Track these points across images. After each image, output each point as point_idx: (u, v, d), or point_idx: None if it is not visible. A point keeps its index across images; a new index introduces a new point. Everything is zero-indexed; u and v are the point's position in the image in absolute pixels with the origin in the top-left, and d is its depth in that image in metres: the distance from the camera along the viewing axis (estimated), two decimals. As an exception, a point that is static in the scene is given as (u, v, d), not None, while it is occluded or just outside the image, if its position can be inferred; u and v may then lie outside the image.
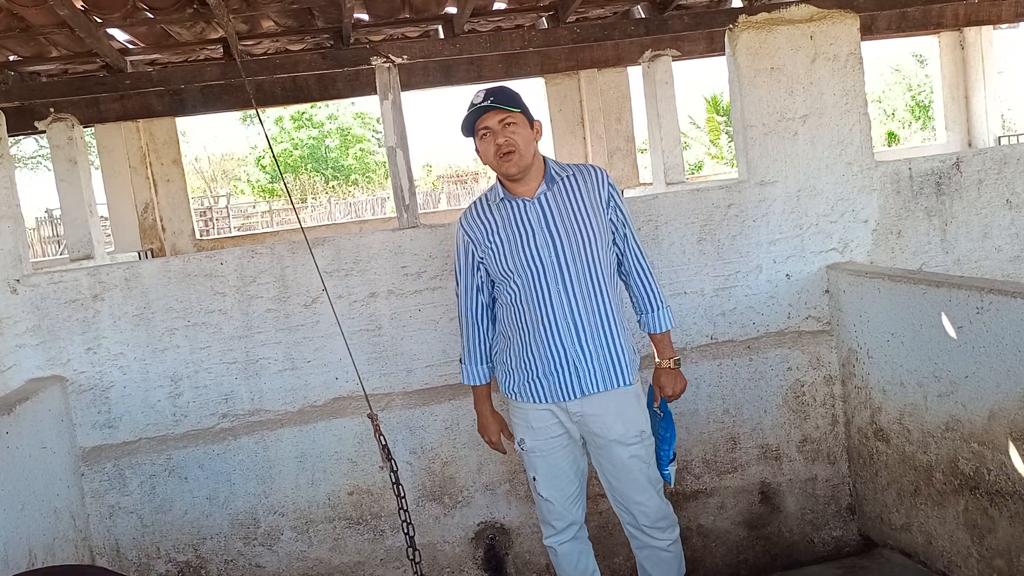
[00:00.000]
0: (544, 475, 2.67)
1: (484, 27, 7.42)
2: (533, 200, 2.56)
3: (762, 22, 3.48)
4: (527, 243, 2.54)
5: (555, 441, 2.64)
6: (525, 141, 2.50)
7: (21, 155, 26.27)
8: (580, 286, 2.52)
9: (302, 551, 3.28)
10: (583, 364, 2.54)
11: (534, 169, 2.56)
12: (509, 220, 2.57)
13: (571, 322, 2.52)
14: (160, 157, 10.35)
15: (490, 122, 2.49)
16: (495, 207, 2.60)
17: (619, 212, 2.61)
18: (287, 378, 3.33)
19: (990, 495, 2.70)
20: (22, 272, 3.19)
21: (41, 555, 2.71)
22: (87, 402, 3.21)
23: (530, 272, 2.53)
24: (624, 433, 2.58)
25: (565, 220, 2.53)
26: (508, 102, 2.48)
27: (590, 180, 2.58)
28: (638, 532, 2.69)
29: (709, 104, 25.29)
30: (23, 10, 5.24)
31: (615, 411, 2.57)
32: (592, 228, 2.54)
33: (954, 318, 2.74)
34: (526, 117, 2.53)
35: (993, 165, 3.71)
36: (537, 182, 2.57)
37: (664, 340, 2.72)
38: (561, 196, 2.56)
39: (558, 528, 2.72)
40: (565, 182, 2.57)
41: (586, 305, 2.53)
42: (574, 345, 2.53)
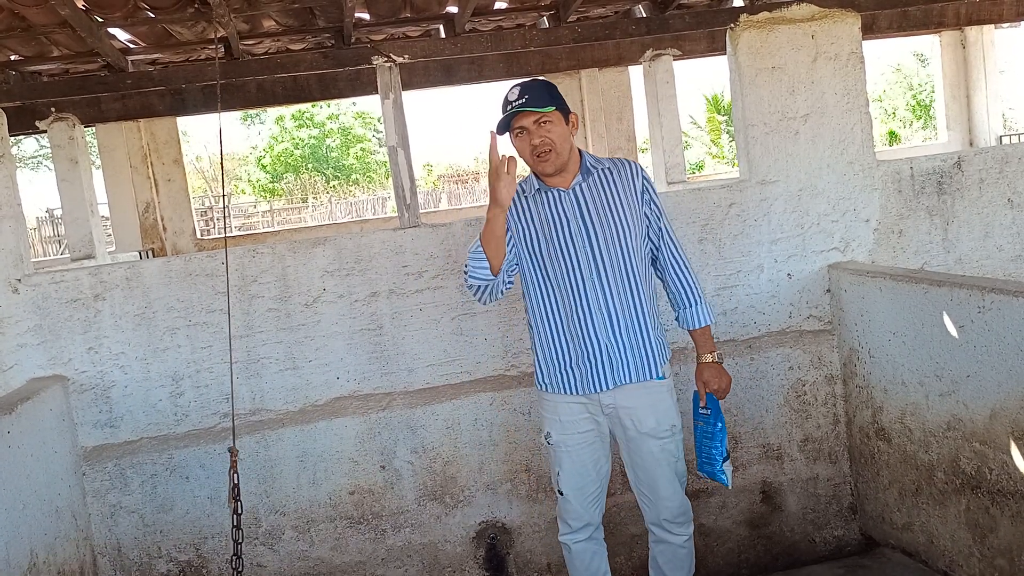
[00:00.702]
0: (568, 471, 2.67)
1: (485, 26, 7.42)
2: (568, 191, 2.57)
3: (763, 21, 3.48)
4: (561, 233, 2.56)
5: (582, 437, 2.63)
6: (560, 139, 2.50)
7: (22, 155, 26.29)
8: (614, 277, 2.53)
9: (303, 550, 3.28)
10: (616, 354, 2.55)
11: (570, 162, 2.56)
12: (543, 209, 2.59)
13: (605, 312, 2.54)
14: (161, 157, 10.36)
15: (525, 121, 2.48)
16: (530, 196, 2.62)
17: (653, 205, 2.61)
18: (288, 377, 3.33)
19: (991, 494, 2.69)
20: (23, 272, 3.19)
21: (43, 554, 2.71)
22: (88, 401, 3.21)
23: (564, 262, 2.55)
24: (656, 427, 2.58)
25: (600, 211, 2.55)
26: (542, 101, 2.46)
27: (624, 173, 2.59)
28: (658, 528, 2.71)
29: (710, 103, 25.29)
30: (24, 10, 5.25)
31: (648, 404, 2.58)
32: (627, 220, 2.55)
33: (956, 317, 2.74)
34: (561, 112, 2.51)
35: (994, 164, 3.70)
36: (573, 173, 2.57)
37: (704, 335, 2.70)
38: (596, 188, 2.57)
39: (574, 527, 2.72)
40: (600, 174, 2.58)
41: (620, 296, 2.54)
42: (608, 335, 2.54)
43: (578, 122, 2.59)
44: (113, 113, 8.34)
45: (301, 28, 6.75)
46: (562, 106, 2.52)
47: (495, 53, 7.60)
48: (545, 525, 3.39)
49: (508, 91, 2.52)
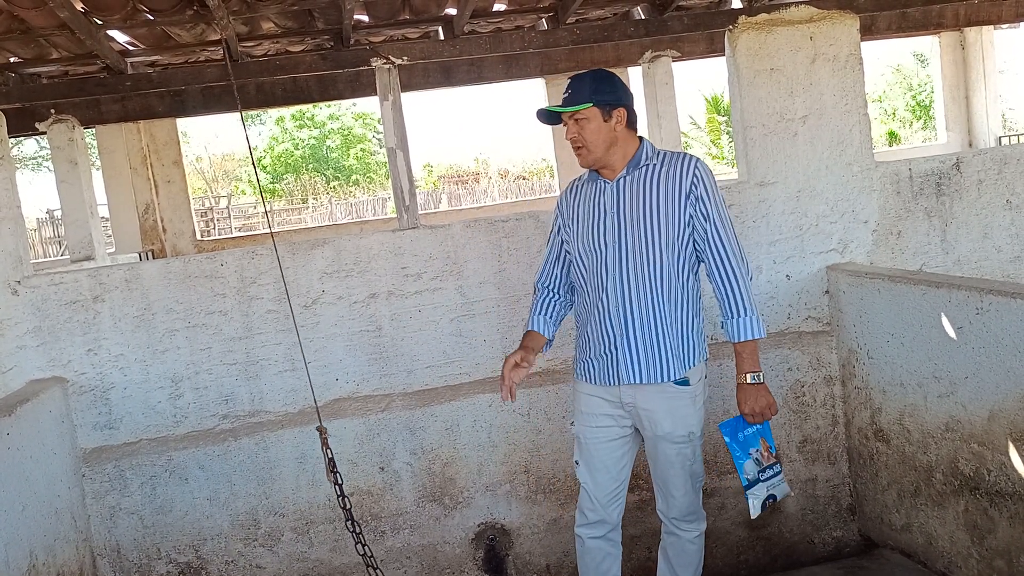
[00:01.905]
0: (584, 461, 2.70)
1: (484, 28, 7.43)
2: (612, 183, 2.58)
3: (762, 23, 3.48)
4: (598, 225, 2.57)
5: (600, 431, 2.64)
6: (593, 135, 2.51)
7: (22, 156, 26.29)
8: (636, 276, 2.52)
9: (302, 552, 3.28)
10: (628, 353, 2.54)
11: (616, 157, 2.55)
12: (589, 199, 2.63)
13: (622, 310, 2.53)
14: (161, 158, 10.36)
15: (565, 116, 2.55)
16: (584, 185, 2.66)
17: (702, 206, 2.50)
18: (287, 379, 3.33)
19: (990, 496, 2.70)
20: (23, 273, 3.20)
21: (42, 556, 2.71)
22: (88, 403, 3.22)
23: (596, 254, 2.57)
24: (671, 432, 2.56)
25: (635, 208, 2.52)
26: (576, 99, 2.49)
27: (675, 169, 2.52)
28: (666, 520, 2.73)
29: (710, 104, 25.29)
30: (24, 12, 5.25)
31: (666, 409, 2.56)
32: (661, 220, 2.50)
33: (954, 319, 2.75)
34: (600, 108, 2.50)
35: (993, 165, 3.71)
36: (621, 167, 2.57)
37: (743, 351, 2.53)
38: (639, 183, 2.54)
39: (590, 519, 2.72)
40: (648, 170, 2.55)
41: (639, 296, 2.52)
42: (623, 332, 2.54)
43: (624, 117, 2.54)
44: (113, 115, 8.36)
45: (300, 30, 6.76)
46: (605, 100, 2.50)
47: (494, 55, 7.61)
48: (544, 526, 3.40)
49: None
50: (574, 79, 2.55)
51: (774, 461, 2.61)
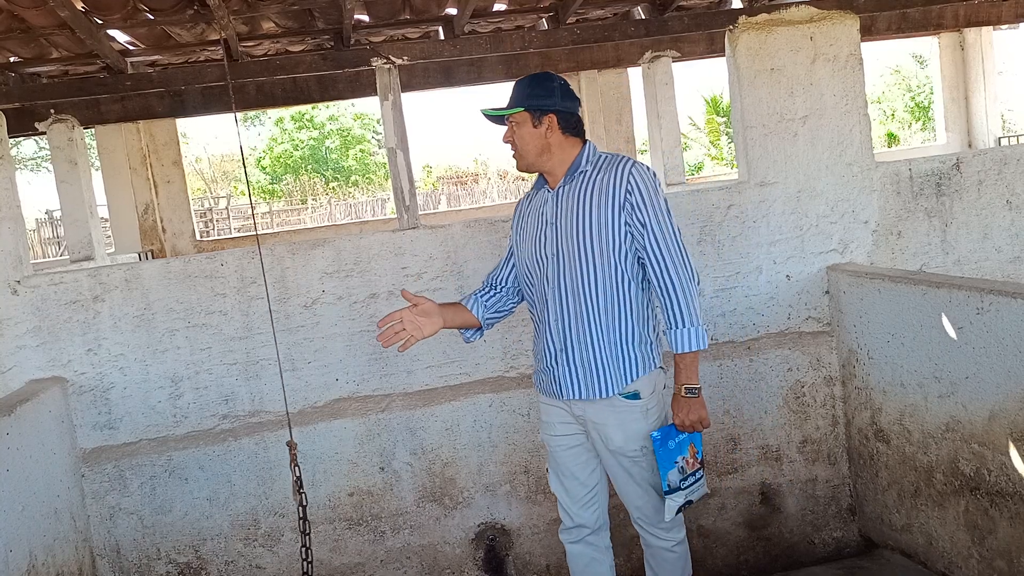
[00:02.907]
0: (553, 471, 2.68)
1: (484, 28, 7.43)
2: (552, 192, 2.52)
3: (762, 23, 3.48)
4: (540, 236, 2.53)
5: (561, 440, 2.62)
6: (523, 141, 2.49)
7: (21, 156, 26.28)
8: (572, 288, 2.44)
9: (302, 552, 3.28)
10: (567, 368, 2.48)
11: (554, 162, 2.50)
12: (535, 211, 2.58)
13: (561, 324, 2.48)
14: (160, 158, 10.36)
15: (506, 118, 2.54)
16: (535, 193, 2.63)
17: (638, 213, 2.38)
18: (287, 379, 3.32)
19: (990, 496, 2.70)
20: (22, 273, 3.19)
21: (41, 556, 2.71)
22: (87, 403, 3.21)
23: (537, 265, 2.53)
24: (622, 446, 2.49)
25: (570, 219, 2.44)
26: (510, 103, 2.49)
27: (609, 176, 2.41)
28: (640, 529, 2.69)
29: (709, 105, 25.31)
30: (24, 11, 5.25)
31: (615, 423, 2.48)
32: (592, 229, 2.40)
33: (954, 319, 2.74)
34: (531, 113, 2.45)
35: (993, 166, 3.71)
36: (561, 174, 2.51)
37: (680, 363, 2.42)
38: (574, 192, 2.46)
39: (567, 525, 2.70)
40: (585, 177, 2.46)
41: (576, 309, 2.45)
42: (563, 349, 2.48)
43: (555, 123, 2.46)
44: (112, 115, 8.36)
45: (300, 30, 6.76)
46: (537, 105, 2.44)
47: (494, 55, 7.61)
48: (544, 526, 3.40)
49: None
50: (516, 82, 2.53)
51: (698, 467, 2.54)
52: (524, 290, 2.65)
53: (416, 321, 2.48)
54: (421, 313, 2.49)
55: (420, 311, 2.49)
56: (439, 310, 2.53)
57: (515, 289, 2.69)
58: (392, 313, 2.48)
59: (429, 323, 2.50)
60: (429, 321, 2.50)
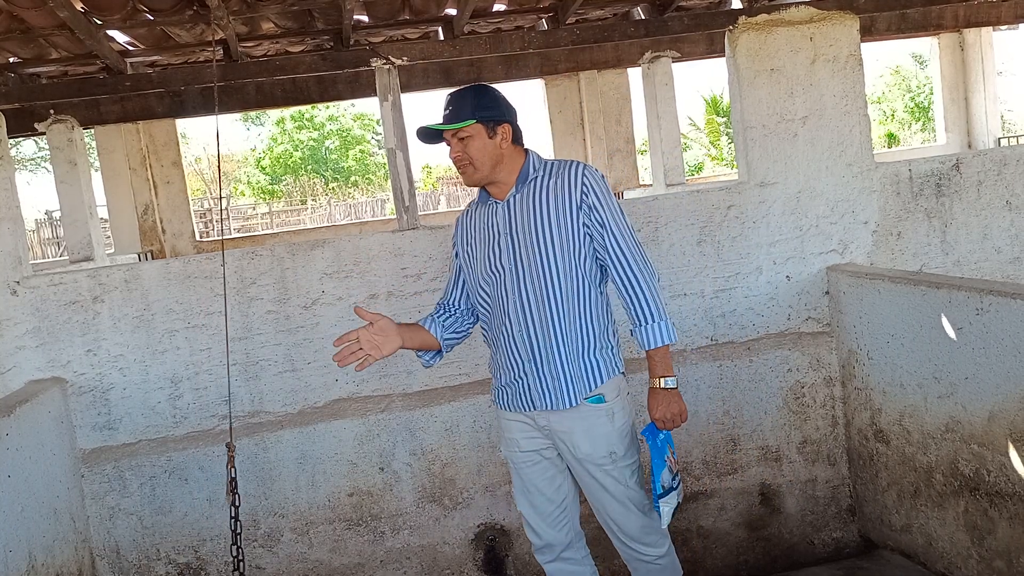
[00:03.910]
0: (518, 488, 2.59)
1: (484, 29, 7.44)
2: (503, 202, 2.45)
3: (762, 23, 3.48)
4: (492, 247, 2.45)
5: (525, 456, 2.52)
6: (480, 152, 2.38)
7: (21, 157, 26.29)
8: (535, 296, 2.38)
9: (302, 552, 3.28)
10: (536, 378, 2.42)
11: (504, 172, 2.43)
12: (483, 222, 2.49)
13: (526, 334, 2.40)
14: (160, 159, 10.37)
15: (447, 134, 2.40)
16: (479, 206, 2.53)
17: (596, 214, 2.37)
18: (287, 379, 3.33)
19: (990, 496, 2.70)
20: (22, 274, 3.19)
21: (41, 557, 2.71)
22: (87, 404, 3.21)
23: (494, 278, 2.45)
24: (590, 453, 2.41)
25: (526, 225, 2.38)
26: (459, 116, 2.36)
27: (562, 179, 2.38)
28: (622, 546, 2.58)
29: (709, 105, 25.32)
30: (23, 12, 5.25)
31: (581, 429, 2.41)
32: (552, 234, 2.36)
33: (954, 319, 2.74)
34: (484, 124, 2.37)
35: (993, 166, 3.71)
36: (510, 184, 2.44)
37: (654, 357, 2.40)
38: (527, 199, 2.40)
39: (537, 545, 2.61)
40: (536, 183, 2.41)
41: (540, 317, 2.38)
42: (531, 360, 2.41)
43: (509, 133, 2.42)
44: (112, 115, 8.36)
45: (300, 30, 6.77)
46: (489, 116, 2.38)
47: (494, 55, 7.61)
48: (544, 527, 3.39)
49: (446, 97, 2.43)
50: (454, 95, 2.40)
51: (679, 468, 2.52)
52: (478, 306, 2.56)
53: (373, 340, 2.38)
54: (378, 331, 2.39)
55: (377, 329, 2.39)
56: (397, 330, 2.44)
57: (469, 310, 2.61)
58: (348, 332, 2.38)
59: (387, 342, 2.40)
60: (387, 340, 2.40)
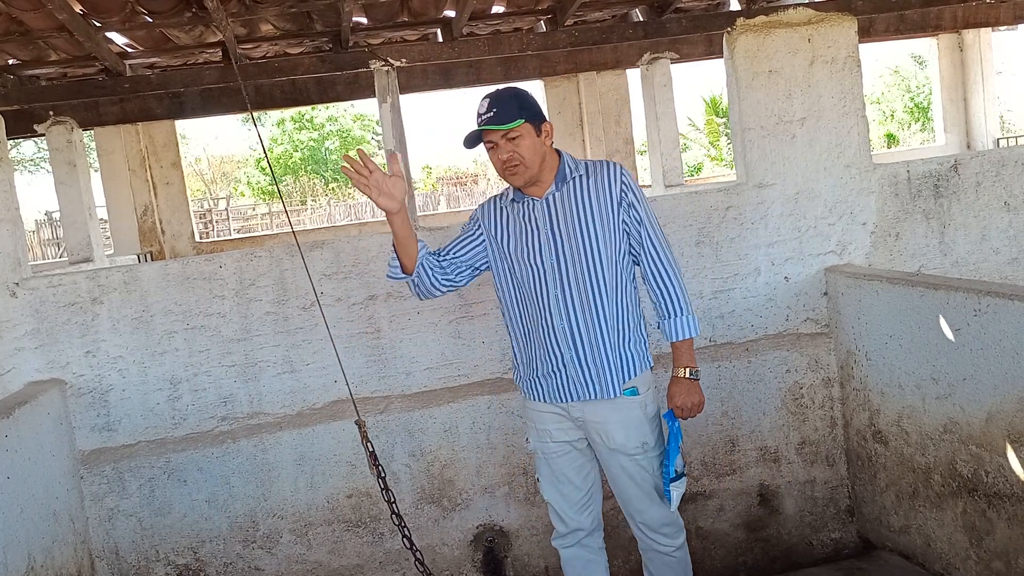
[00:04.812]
0: (546, 478, 2.66)
1: (483, 30, 7.44)
2: (541, 200, 2.51)
3: (760, 25, 3.48)
4: (531, 243, 2.51)
5: (556, 446, 2.62)
6: (531, 152, 2.44)
7: (20, 158, 26.28)
8: (579, 290, 2.47)
9: (301, 554, 3.28)
10: (578, 370, 2.49)
11: (545, 171, 2.50)
12: (518, 219, 2.55)
13: (567, 327, 2.48)
14: (159, 160, 10.37)
15: (494, 136, 2.43)
16: (507, 206, 2.59)
17: (634, 211, 2.50)
18: (286, 381, 3.33)
19: (988, 497, 2.70)
20: (21, 275, 3.19)
21: (40, 558, 2.71)
22: (86, 405, 3.21)
23: (532, 273, 2.51)
24: (624, 443, 2.52)
25: (569, 221, 2.47)
26: (509, 116, 2.39)
27: (601, 178, 2.49)
28: (641, 535, 2.69)
29: (708, 106, 25.32)
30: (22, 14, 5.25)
31: (617, 420, 2.51)
32: (595, 230, 2.47)
33: (952, 320, 2.75)
34: (532, 124, 2.44)
35: (991, 167, 3.71)
36: (548, 183, 2.51)
37: (680, 348, 2.56)
38: (569, 196, 2.49)
39: (561, 532, 2.70)
40: (576, 181, 2.50)
41: (583, 310, 2.47)
42: (570, 350, 2.49)
43: (552, 130, 2.51)
44: (111, 117, 8.36)
45: (299, 32, 6.77)
46: (533, 116, 2.45)
47: (492, 57, 7.61)
48: (543, 528, 3.39)
49: (479, 102, 2.44)
50: (493, 98, 2.42)
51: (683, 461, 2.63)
52: (507, 300, 2.61)
53: (380, 184, 2.39)
54: (391, 184, 2.40)
55: (392, 182, 2.40)
56: (403, 202, 2.45)
57: (454, 275, 2.60)
58: (370, 160, 2.38)
59: (389, 198, 2.40)
60: (391, 197, 2.41)
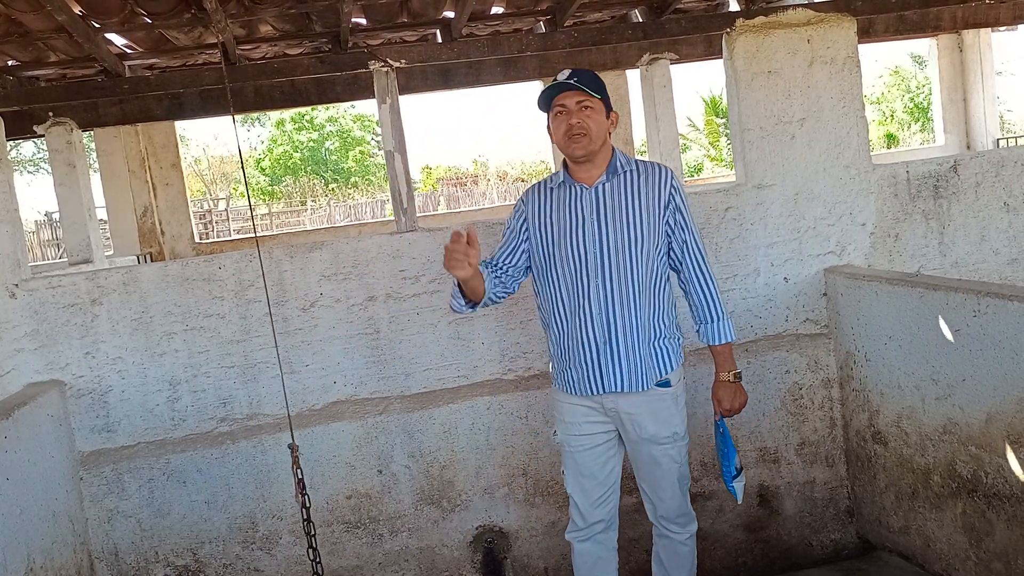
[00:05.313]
0: (571, 471, 2.68)
1: (482, 31, 7.44)
2: (591, 188, 2.54)
3: (759, 26, 3.48)
4: (575, 231, 2.53)
5: (585, 439, 2.63)
6: (598, 127, 2.49)
7: (20, 159, 26.28)
8: (619, 284, 2.50)
9: (300, 555, 3.27)
10: (612, 362, 2.52)
11: (600, 156, 2.54)
12: (564, 205, 2.56)
13: (605, 319, 2.51)
14: (159, 161, 10.36)
15: (567, 101, 2.47)
16: (555, 190, 2.61)
17: (679, 216, 2.56)
18: (285, 382, 3.32)
19: (988, 498, 2.70)
20: (21, 276, 3.19)
21: (40, 559, 2.71)
22: (85, 406, 3.21)
23: (573, 261, 2.53)
24: (656, 433, 2.57)
25: (617, 215, 2.51)
26: (591, 86, 2.46)
27: (652, 179, 2.54)
28: (658, 524, 2.73)
29: (708, 106, 25.31)
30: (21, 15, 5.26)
31: (649, 412, 2.56)
32: (642, 228, 2.50)
33: (951, 321, 2.75)
34: (605, 105, 2.51)
35: (990, 168, 3.71)
36: (600, 171, 2.54)
37: (723, 352, 2.65)
38: (618, 190, 2.53)
39: (579, 526, 2.72)
40: (627, 176, 2.54)
41: (623, 305, 2.50)
42: (607, 342, 2.52)
43: (617, 121, 2.58)
44: (111, 117, 8.36)
45: (298, 33, 6.77)
46: (607, 101, 2.53)
47: (492, 58, 7.62)
48: (542, 529, 3.40)
49: (558, 72, 2.51)
50: (576, 71, 2.49)
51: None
52: (543, 286, 2.62)
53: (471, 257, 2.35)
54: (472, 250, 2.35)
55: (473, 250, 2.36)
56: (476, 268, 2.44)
57: (511, 279, 2.64)
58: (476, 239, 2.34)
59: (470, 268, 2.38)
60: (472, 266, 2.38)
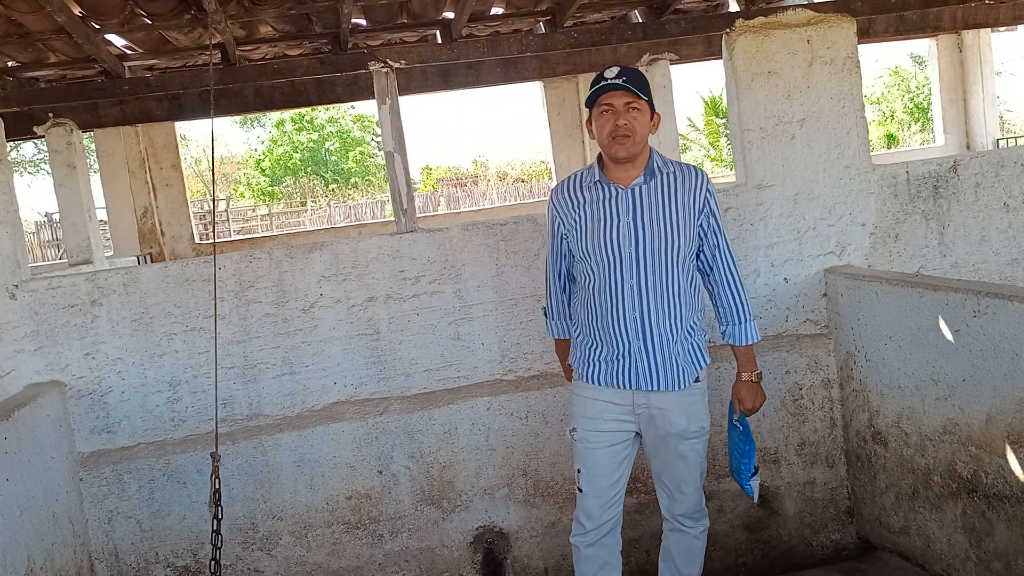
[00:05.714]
0: (588, 468, 2.68)
1: (482, 32, 7.45)
2: (627, 189, 2.56)
3: (759, 26, 3.48)
4: (610, 230, 2.55)
5: (603, 436, 2.64)
6: (642, 128, 2.51)
7: (20, 159, 26.29)
8: (654, 285, 2.53)
9: (300, 556, 3.28)
10: (644, 362, 2.55)
11: (639, 158, 2.56)
12: (598, 203, 2.58)
13: (639, 319, 2.53)
14: (159, 161, 10.36)
15: (615, 100, 2.49)
16: (587, 187, 2.62)
17: (712, 220, 2.61)
18: (285, 383, 3.33)
19: (988, 498, 2.70)
20: (20, 277, 3.19)
21: (40, 560, 2.71)
22: (85, 407, 3.21)
23: (607, 260, 2.55)
24: (686, 428, 2.60)
25: (653, 217, 2.54)
26: (639, 87, 2.48)
27: (688, 182, 2.58)
28: (671, 518, 2.75)
29: (708, 106, 25.30)
30: (21, 16, 5.26)
31: (680, 407, 2.59)
32: (679, 230, 2.54)
33: (951, 322, 2.75)
34: (649, 107, 2.54)
35: (990, 168, 3.71)
36: (637, 172, 2.56)
37: (747, 353, 2.72)
38: (656, 192, 2.56)
39: (587, 527, 2.71)
40: (664, 179, 2.57)
41: (657, 306, 2.53)
42: (639, 342, 2.54)
43: (659, 123, 2.61)
44: (111, 118, 8.36)
45: (298, 34, 6.77)
46: (651, 102, 2.55)
47: (492, 58, 7.62)
48: (542, 529, 3.40)
49: (605, 70, 2.53)
50: (624, 70, 2.51)
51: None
52: (580, 279, 2.67)
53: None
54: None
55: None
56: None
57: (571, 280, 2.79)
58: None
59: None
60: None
